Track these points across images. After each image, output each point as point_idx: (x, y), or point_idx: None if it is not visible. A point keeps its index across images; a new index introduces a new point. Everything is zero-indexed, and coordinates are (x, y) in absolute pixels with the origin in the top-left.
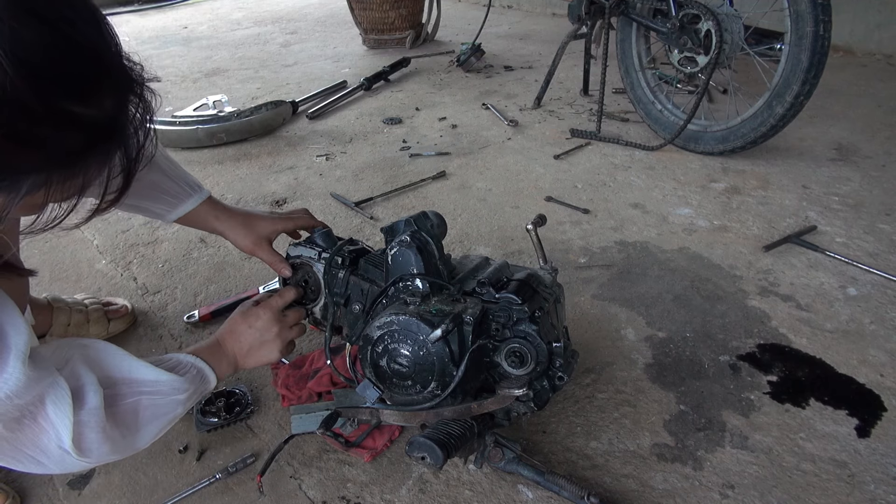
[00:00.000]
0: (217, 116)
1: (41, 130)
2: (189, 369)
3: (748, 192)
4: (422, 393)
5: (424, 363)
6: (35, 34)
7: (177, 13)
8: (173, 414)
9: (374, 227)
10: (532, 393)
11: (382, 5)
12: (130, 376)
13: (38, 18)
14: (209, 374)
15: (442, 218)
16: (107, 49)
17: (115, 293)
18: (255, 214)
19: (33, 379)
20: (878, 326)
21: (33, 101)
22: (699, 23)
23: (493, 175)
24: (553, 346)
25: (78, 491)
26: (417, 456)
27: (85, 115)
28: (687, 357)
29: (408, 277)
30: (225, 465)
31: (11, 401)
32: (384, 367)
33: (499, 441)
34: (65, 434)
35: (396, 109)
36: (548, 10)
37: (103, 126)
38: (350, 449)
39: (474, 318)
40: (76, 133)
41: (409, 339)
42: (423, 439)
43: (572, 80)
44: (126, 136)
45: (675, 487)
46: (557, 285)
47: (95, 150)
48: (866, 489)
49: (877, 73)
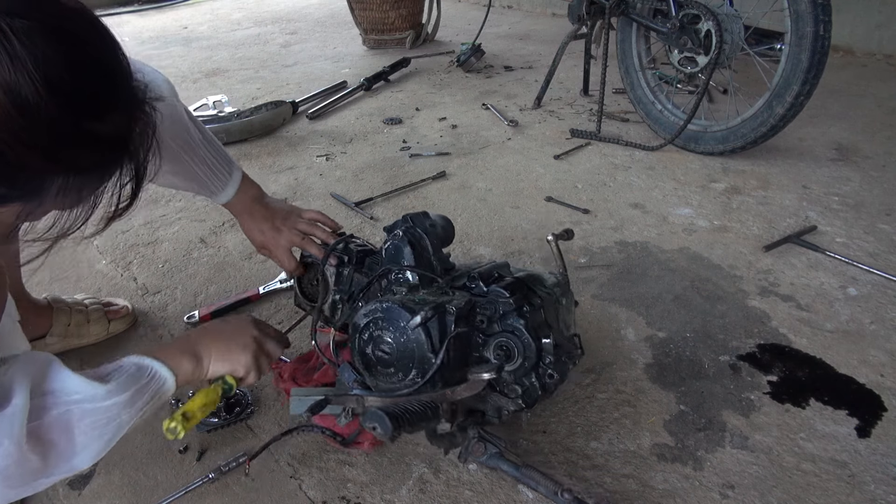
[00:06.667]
0: (217, 117)
1: (63, 145)
2: (128, 369)
3: (748, 192)
4: (403, 381)
5: (405, 350)
6: (63, 57)
7: (177, 13)
8: (118, 421)
9: (374, 227)
10: (520, 389)
11: (382, 5)
12: (58, 386)
13: (62, 40)
14: (159, 370)
15: (449, 221)
16: (120, 70)
17: (115, 293)
18: (280, 219)
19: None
20: (879, 326)
21: (61, 119)
22: (699, 23)
23: (493, 175)
24: (543, 342)
25: (78, 491)
26: (369, 426)
27: (101, 130)
28: (687, 357)
29: (397, 269)
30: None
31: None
32: (370, 354)
33: (482, 436)
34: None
35: (396, 109)
36: (548, 10)
37: (116, 141)
38: (349, 446)
39: (458, 309)
40: (93, 147)
41: (391, 326)
42: (376, 410)
43: (572, 80)
44: (135, 149)
45: (675, 487)
46: (561, 288)
47: (109, 163)
48: (866, 489)
49: (877, 73)
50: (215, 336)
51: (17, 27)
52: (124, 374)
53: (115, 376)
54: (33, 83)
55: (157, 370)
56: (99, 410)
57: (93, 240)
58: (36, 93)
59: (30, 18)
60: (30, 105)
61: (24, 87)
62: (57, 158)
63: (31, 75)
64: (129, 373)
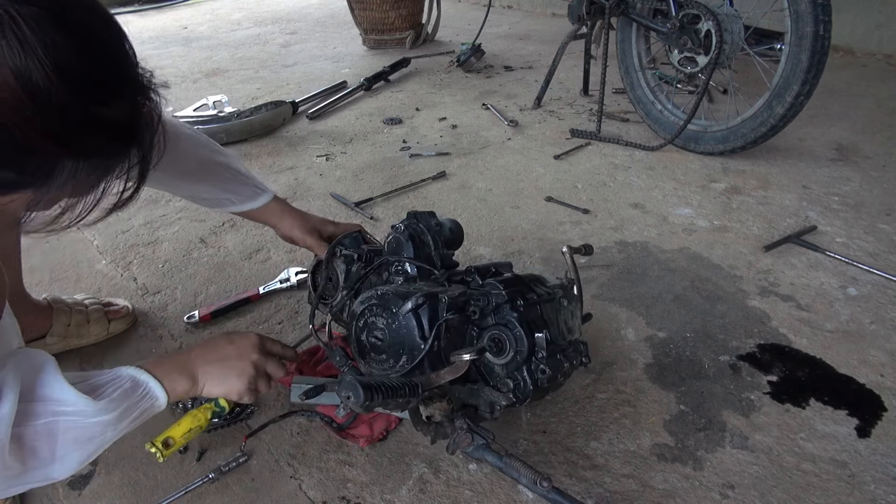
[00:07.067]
0: (217, 117)
1: (73, 130)
2: (122, 383)
3: (748, 192)
4: (394, 367)
5: (396, 336)
6: (72, 43)
7: (177, 13)
8: (102, 438)
9: (375, 227)
10: (512, 383)
11: (382, 5)
12: (49, 394)
13: (73, 29)
14: (153, 388)
15: (458, 225)
16: (126, 57)
17: (115, 293)
18: (311, 215)
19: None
20: (879, 326)
21: (70, 105)
22: (699, 23)
23: (493, 175)
24: (535, 336)
25: (78, 491)
26: (344, 395)
27: (108, 116)
28: (687, 357)
29: (396, 260)
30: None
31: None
32: (364, 341)
33: (470, 427)
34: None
35: (396, 109)
36: (548, 10)
37: (122, 127)
38: (344, 433)
39: (451, 298)
40: (101, 133)
41: (384, 313)
42: (351, 379)
43: (572, 80)
44: (141, 136)
45: (675, 487)
46: (564, 290)
47: (115, 149)
48: (866, 489)
49: (877, 73)
50: (214, 359)
51: (26, 14)
52: (118, 389)
53: (109, 390)
54: (44, 69)
55: (151, 388)
56: (85, 426)
57: (93, 240)
58: (46, 78)
59: (38, 6)
60: (40, 90)
61: (34, 73)
62: (67, 143)
63: (41, 61)
64: (123, 388)
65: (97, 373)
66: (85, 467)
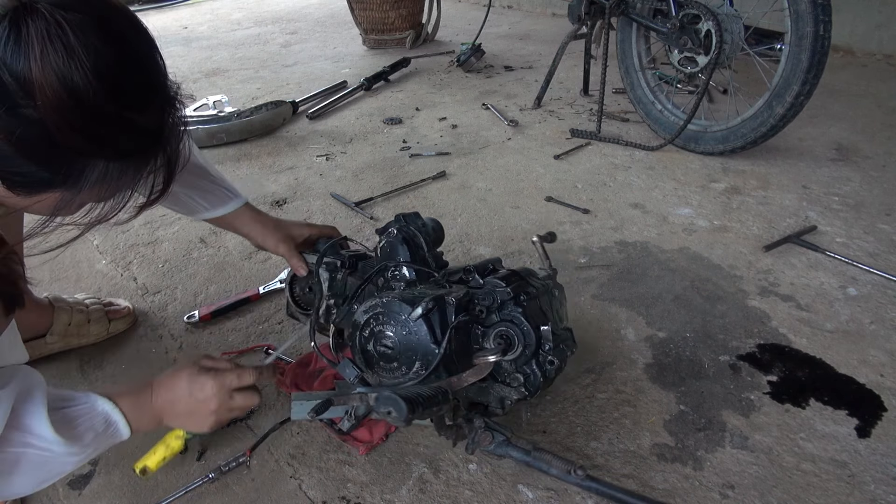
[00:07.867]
0: (217, 116)
1: (108, 132)
2: (95, 422)
3: (748, 192)
4: (407, 374)
5: (408, 343)
6: (111, 50)
7: (177, 13)
8: (61, 471)
9: (374, 227)
10: (522, 377)
11: (382, 5)
12: (29, 424)
13: (113, 37)
14: (121, 429)
15: (439, 223)
16: (158, 67)
17: (115, 293)
18: (284, 220)
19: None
20: (878, 326)
21: (106, 107)
22: (699, 23)
23: (493, 175)
24: (541, 329)
25: (78, 491)
26: (384, 410)
27: (140, 120)
28: (687, 357)
29: (394, 265)
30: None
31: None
32: (371, 350)
33: (489, 425)
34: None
35: (396, 109)
36: (548, 10)
37: (152, 131)
38: (345, 437)
39: (457, 300)
40: (132, 137)
41: (392, 320)
42: (390, 394)
43: (572, 80)
44: (168, 141)
45: (675, 487)
46: (552, 280)
47: (145, 152)
48: (866, 489)
49: (877, 73)
50: (181, 411)
51: (71, 20)
52: (91, 431)
53: (82, 428)
54: (84, 71)
55: (119, 429)
56: (52, 460)
57: (93, 240)
58: (86, 80)
59: (81, 12)
60: (80, 90)
61: (76, 74)
62: (101, 144)
63: (83, 64)
64: (97, 431)
65: (74, 399)
66: (85, 467)
